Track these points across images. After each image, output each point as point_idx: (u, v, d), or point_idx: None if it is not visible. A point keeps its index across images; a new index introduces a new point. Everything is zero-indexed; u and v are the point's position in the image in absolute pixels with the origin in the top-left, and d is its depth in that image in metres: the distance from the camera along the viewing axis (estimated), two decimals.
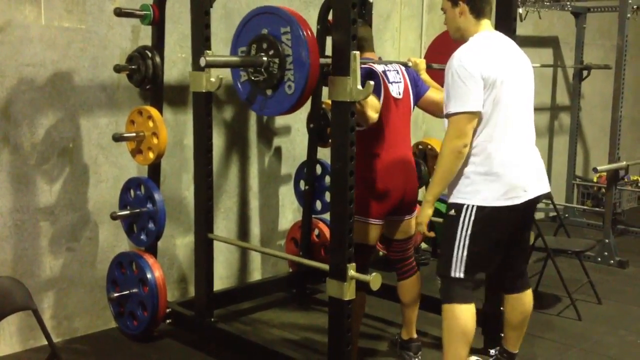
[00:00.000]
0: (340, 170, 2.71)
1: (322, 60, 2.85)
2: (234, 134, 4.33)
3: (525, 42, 6.22)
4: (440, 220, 3.33)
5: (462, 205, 2.81)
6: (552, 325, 4.04)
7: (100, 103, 3.71)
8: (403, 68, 3.30)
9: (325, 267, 2.86)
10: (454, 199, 2.86)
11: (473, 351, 3.53)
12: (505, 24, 3.38)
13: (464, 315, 2.85)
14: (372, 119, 3.03)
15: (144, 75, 3.53)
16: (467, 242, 2.81)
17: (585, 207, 6.69)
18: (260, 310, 4.21)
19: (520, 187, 2.81)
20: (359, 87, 2.62)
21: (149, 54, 3.52)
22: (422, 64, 3.35)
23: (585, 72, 6.44)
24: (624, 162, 5.33)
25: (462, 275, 2.84)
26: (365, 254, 3.20)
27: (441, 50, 3.61)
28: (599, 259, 5.28)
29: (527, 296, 3.13)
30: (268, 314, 4.16)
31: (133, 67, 3.54)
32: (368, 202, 3.17)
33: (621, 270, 5.17)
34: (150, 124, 3.46)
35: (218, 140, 4.19)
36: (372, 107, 3.02)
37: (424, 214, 2.91)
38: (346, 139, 2.67)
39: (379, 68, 3.18)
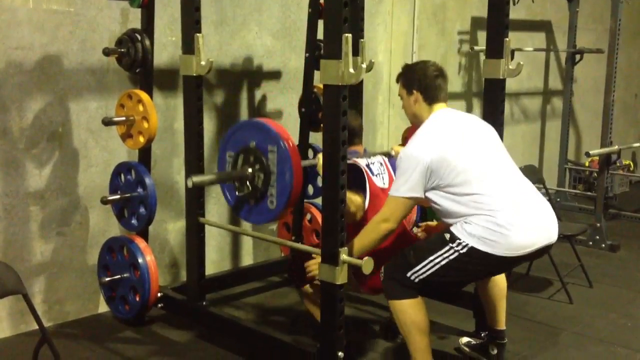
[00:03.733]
0: (332, 154, 2.70)
1: (305, 162, 3.09)
2: (225, 118, 4.31)
3: (518, 27, 6.24)
4: None
5: (459, 238, 2.78)
6: (544, 308, 4.06)
7: (90, 87, 3.68)
8: (386, 159, 3.37)
9: (318, 251, 2.86)
10: (454, 230, 2.81)
11: (465, 334, 3.56)
12: (499, 8, 3.35)
13: (410, 309, 2.86)
14: (357, 217, 3.11)
15: (134, 59, 3.50)
16: (439, 266, 2.80)
17: (577, 191, 6.71)
18: (252, 294, 4.21)
19: (527, 247, 2.78)
20: (351, 70, 2.60)
21: (139, 37, 3.49)
22: None
23: (577, 57, 6.43)
24: (616, 147, 5.34)
25: (416, 281, 2.83)
26: None
27: None
28: (591, 243, 5.30)
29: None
30: (260, 298, 4.16)
31: (122, 50, 3.51)
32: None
33: (612, 254, 5.20)
34: (140, 108, 3.44)
35: (209, 125, 4.17)
36: (355, 206, 3.09)
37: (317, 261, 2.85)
38: (338, 123, 2.66)
39: (362, 162, 3.24)
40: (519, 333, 3.67)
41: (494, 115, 3.40)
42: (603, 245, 5.27)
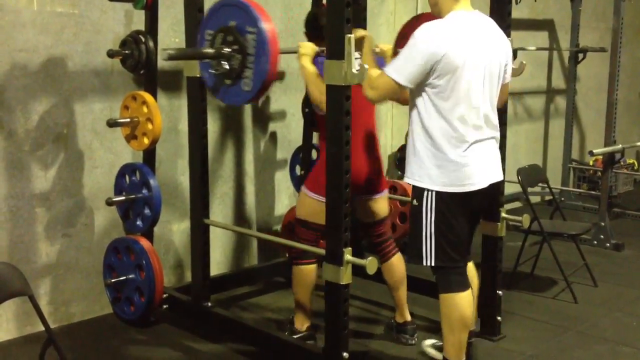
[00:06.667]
0: (336, 154, 2.71)
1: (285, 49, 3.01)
2: (228, 119, 4.32)
3: (520, 26, 6.24)
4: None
5: (422, 192, 2.83)
6: (548, 308, 4.06)
7: (94, 88, 3.69)
8: None
9: (322, 251, 2.86)
10: (408, 179, 2.89)
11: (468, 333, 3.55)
12: (501, 7, 3.36)
13: (460, 303, 2.87)
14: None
15: (138, 60, 3.51)
16: (432, 229, 2.83)
17: (581, 191, 6.70)
18: (256, 295, 4.22)
19: (470, 176, 2.81)
20: (354, 70, 2.61)
21: (143, 39, 3.50)
22: (389, 51, 3.38)
23: (580, 55, 6.42)
24: (620, 145, 5.33)
25: (432, 264, 2.86)
26: (317, 231, 3.33)
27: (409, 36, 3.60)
28: (595, 242, 5.29)
29: (471, 268, 3.15)
30: (265, 299, 4.17)
31: (126, 52, 3.52)
32: None
33: (617, 253, 5.19)
34: (145, 109, 3.45)
35: (213, 126, 4.18)
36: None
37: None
38: (341, 123, 2.67)
39: None
40: (524, 332, 3.67)
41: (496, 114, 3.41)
42: (607, 244, 5.26)
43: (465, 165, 2.79)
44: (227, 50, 2.87)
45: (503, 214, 3.47)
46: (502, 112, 3.41)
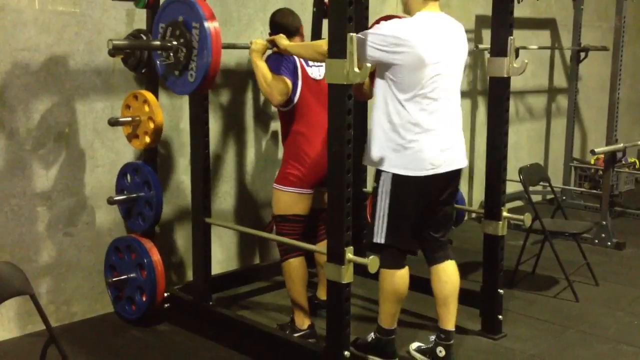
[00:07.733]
0: (338, 153, 2.70)
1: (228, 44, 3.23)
2: (230, 118, 4.32)
3: (522, 24, 6.23)
4: None
5: (380, 174, 2.99)
6: (550, 306, 4.06)
7: (96, 87, 3.69)
8: None
9: (323, 250, 2.86)
10: (365, 163, 3.11)
11: (470, 332, 3.56)
12: (503, 6, 3.36)
13: (394, 279, 3.07)
14: (277, 101, 3.31)
15: (139, 59, 3.51)
16: (386, 211, 2.99)
17: (582, 190, 6.69)
18: (258, 293, 4.22)
19: (426, 161, 2.94)
20: (356, 69, 2.61)
21: (144, 38, 3.50)
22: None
23: (582, 54, 6.41)
24: (622, 144, 5.33)
25: (382, 241, 3.03)
26: (297, 223, 3.45)
27: None
28: (596, 241, 5.29)
29: (450, 266, 3.21)
30: (266, 298, 4.17)
31: (128, 50, 3.52)
32: (298, 175, 3.39)
33: (618, 252, 5.19)
34: (146, 108, 3.45)
35: (214, 125, 4.18)
36: (278, 90, 3.28)
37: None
38: (343, 122, 2.66)
39: None
40: (525, 331, 3.67)
41: (498, 113, 3.41)
42: (609, 243, 5.26)
43: (420, 151, 2.93)
44: (172, 42, 3.04)
45: (504, 213, 3.47)
46: (503, 111, 3.43)
